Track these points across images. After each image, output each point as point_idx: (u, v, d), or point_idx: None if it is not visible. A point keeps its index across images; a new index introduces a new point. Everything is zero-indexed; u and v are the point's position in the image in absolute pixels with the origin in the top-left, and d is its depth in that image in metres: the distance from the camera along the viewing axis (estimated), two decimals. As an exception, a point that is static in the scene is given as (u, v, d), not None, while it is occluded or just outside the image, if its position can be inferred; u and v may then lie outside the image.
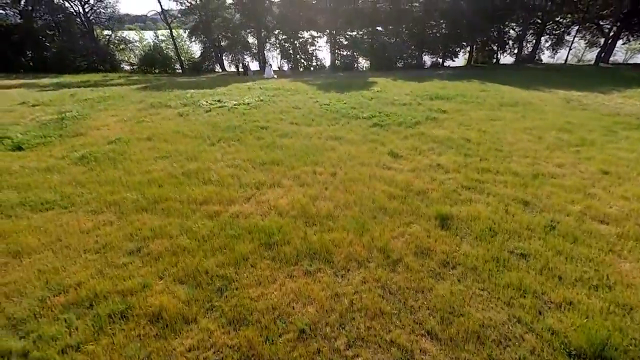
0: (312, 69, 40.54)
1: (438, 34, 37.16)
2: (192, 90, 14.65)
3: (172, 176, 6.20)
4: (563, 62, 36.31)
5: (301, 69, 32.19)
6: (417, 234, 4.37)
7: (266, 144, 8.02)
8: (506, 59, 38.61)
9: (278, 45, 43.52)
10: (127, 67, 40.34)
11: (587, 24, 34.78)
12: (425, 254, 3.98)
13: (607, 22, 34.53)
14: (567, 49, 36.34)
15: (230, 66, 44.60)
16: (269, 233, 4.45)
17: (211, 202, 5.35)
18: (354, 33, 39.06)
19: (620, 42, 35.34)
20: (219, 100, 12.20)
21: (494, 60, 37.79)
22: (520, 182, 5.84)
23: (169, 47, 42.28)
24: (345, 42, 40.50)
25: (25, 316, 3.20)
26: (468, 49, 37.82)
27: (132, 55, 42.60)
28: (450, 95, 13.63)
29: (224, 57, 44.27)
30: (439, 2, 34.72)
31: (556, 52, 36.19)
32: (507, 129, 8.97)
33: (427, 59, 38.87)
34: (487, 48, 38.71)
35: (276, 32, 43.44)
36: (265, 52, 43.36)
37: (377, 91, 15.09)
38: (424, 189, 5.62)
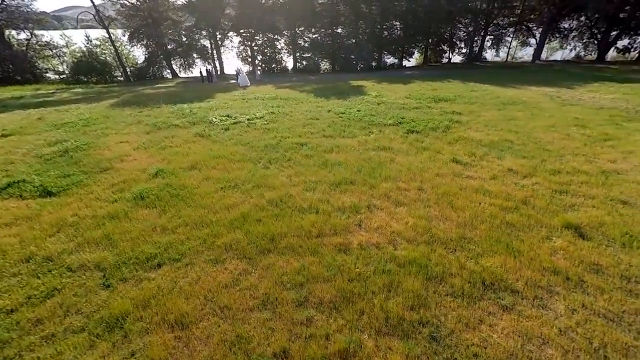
0: (275, 72, 39.73)
1: (395, 36, 38.82)
2: (185, 105, 13.20)
3: (259, 208, 5.44)
4: (504, 60, 40.42)
5: (259, 72, 31.12)
6: (566, 247, 4.32)
7: (320, 162, 7.47)
8: (455, 58, 41.89)
9: (236, 49, 41.85)
10: (54, 77, 34.46)
11: (519, 26, 39.21)
12: (597, 271, 3.92)
13: (535, 25, 39.35)
14: (507, 48, 40.54)
15: (180, 72, 41.78)
16: (421, 265, 4.08)
17: (326, 233, 4.82)
18: (316, 35, 39.07)
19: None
20: (227, 116, 11.15)
21: (447, 60, 40.72)
22: (597, 181, 6.16)
23: (105, 52, 38.01)
24: (306, 45, 40.37)
25: None
26: (423, 49, 40.19)
27: (59, 63, 36.85)
28: (448, 97, 14.19)
29: (172, 62, 41.04)
30: (395, 5, 36.34)
31: (499, 51, 40.05)
32: (533, 128, 9.53)
33: (386, 60, 40.39)
34: (438, 48, 41.58)
35: (232, 34, 41.66)
36: (221, 55, 41.38)
37: (376, 96, 15.15)
38: (524, 197, 5.64)
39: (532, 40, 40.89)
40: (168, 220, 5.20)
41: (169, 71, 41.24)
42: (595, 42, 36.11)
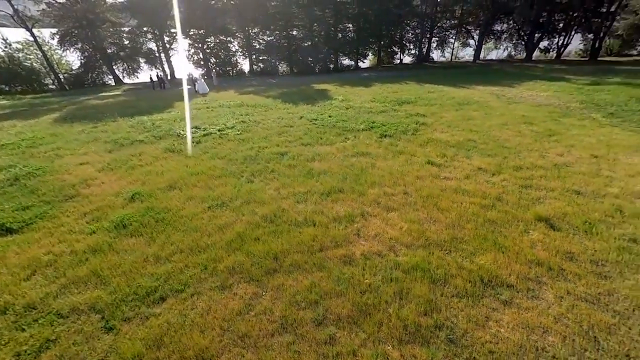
0: (231, 75, 38.60)
1: (348, 38, 39.89)
2: (145, 117, 12.31)
3: (255, 226, 5.35)
4: (449, 60, 43.62)
5: (214, 76, 30.06)
6: (542, 239, 4.89)
7: (304, 171, 7.52)
8: (405, 59, 44.27)
9: (187, 52, 39.88)
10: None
11: (460, 28, 42.63)
12: (570, 258, 4.50)
13: (472, 28, 43.16)
14: (450, 49, 43.82)
15: (124, 77, 38.82)
16: (424, 269, 4.35)
17: (328, 246, 4.91)
18: (271, 38, 38.69)
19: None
20: (196, 127, 10.65)
21: (399, 61, 42.84)
22: (552, 174, 7.00)
23: (30, 57, 34.01)
24: (261, 47, 39.82)
25: None
26: (376, 50, 41.83)
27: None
28: (410, 100, 15.01)
29: (115, 67, 37.83)
30: (347, 8, 37.37)
31: (444, 51, 43.13)
32: (489, 127, 10.48)
33: (343, 62, 41.36)
34: (389, 50, 43.58)
35: (181, 37, 39.64)
36: (171, 59, 39.12)
37: (343, 100, 15.51)
38: (497, 194, 6.23)
39: (472, 42, 44.85)
40: (159, 248, 4.90)
41: (111, 77, 38.07)
42: (523, 43, 40.53)
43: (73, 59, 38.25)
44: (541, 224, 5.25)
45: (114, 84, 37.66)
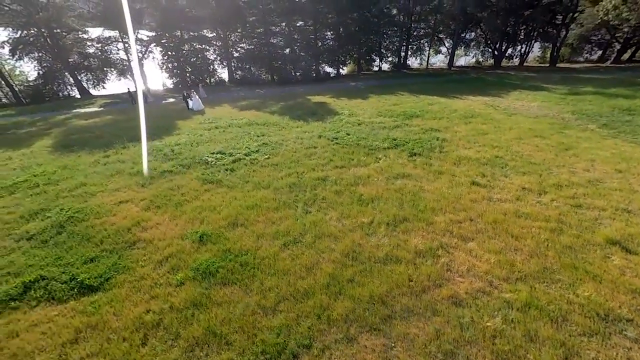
0: (209, 84, 37.31)
1: (327, 46, 40.20)
2: (158, 143, 11.36)
3: (340, 265, 5.28)
4: (424, 66, 45.41)
5: (201, 88, 28.83)
6: (627, 265, 5.13)
7: (354, 198, 7.41)
8: (383, 66, 45.44)
9: (160, 60, 38.03)
10: None
11: (433, 37, 44.65)
12: (661, 281, 4.77)
13: (444, 36, 45.49)
14: (424, 56, 45.70)
15: (90, 88, 36.08)
16: (536, 306, 4.42)
17: (427, 285, 4.89)
18: (251, 47, 38.01)
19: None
20: (220, 153, 10.08)
21: (378, 68, 43.88)
22: (592, 192, 7.43)
23: None
24: (240, 55, 39.00)
25: None
26: (355, 58, 42.53)
27: None
28: (415, 113, 15.29)
29: (80, 78, 35.06)
30: (327, 17, 37.71)
31: (421, 58, 44.96)
32: (507, 142, 10.94)
33: (326, 70, 41.60)
34: (368, 57, 44.52)
35: (152, 46, 37.79)
36: (144, 70, 36.99)
37: (350, 114, 15.50)
38: (556, 217, 6.48)
39: (443, 49, 47.25)
40: (260, 296, 4.58)
41: (73, 88, 35.19)
42: (490, 50, 43.42)
43: (28, 69, 35.08)
44: (615, 248, 5.52)
45: (79, 96, 34.94)
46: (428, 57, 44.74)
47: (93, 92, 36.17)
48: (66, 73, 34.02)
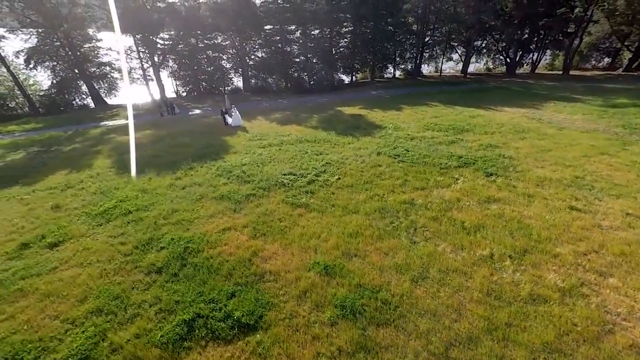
0: (226, 92, 37.09)
1: (342, 53, 40.27)
2: (223, 163, 10.91)
3: (488, 306, 5.15)
4: (438, 73, 45.55)
5: (226, 99, 28.43)
6: None
7: (456, 226, 7.18)
8: (396, 73, 45.54)
9: (172, 67, 37.93)
10: None
11: (445, 44, 44.89)
12: None
13: (457, 44, 45.70)
14: (437, 63, 45.92)
15: (109, 97, 35.66)
16: None
17: (595, 332, 4.64)
18: (267, 55, 37.94)
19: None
20: (292, 174, 9.78)
21: (391, 75, 43.93)
22: (701, 218, 7.19)
23: None
24: (254, 64, 38.94)
25: None
26: (370, 65, 42.60)
27: None
28: (464, 127, 14.96)
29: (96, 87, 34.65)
30: (343, 26, 37.90)
31: (436, 66, 45.22)
32: (576, 160, 10.71)
33: (342, 77, 41.71)
34: (381, 65, 44.62)
35: (167, 55, 37.60)
36: (161, 79, 36.70)
37: (395, 128, 15.25)
38: (682, 247, 6.22)
39: (454, 55, 47.55)
40: (424, 341, 4.50)
41: (87, 97, 34.71)
42: (502, 58, 43.70)
43: (42, 78, 34.61)
44: None
45: (92, 105, 34.53)
46: (442, 64, 44.91)
47: (108, 100, 35.76)
48: (80, 82, 33.60)
